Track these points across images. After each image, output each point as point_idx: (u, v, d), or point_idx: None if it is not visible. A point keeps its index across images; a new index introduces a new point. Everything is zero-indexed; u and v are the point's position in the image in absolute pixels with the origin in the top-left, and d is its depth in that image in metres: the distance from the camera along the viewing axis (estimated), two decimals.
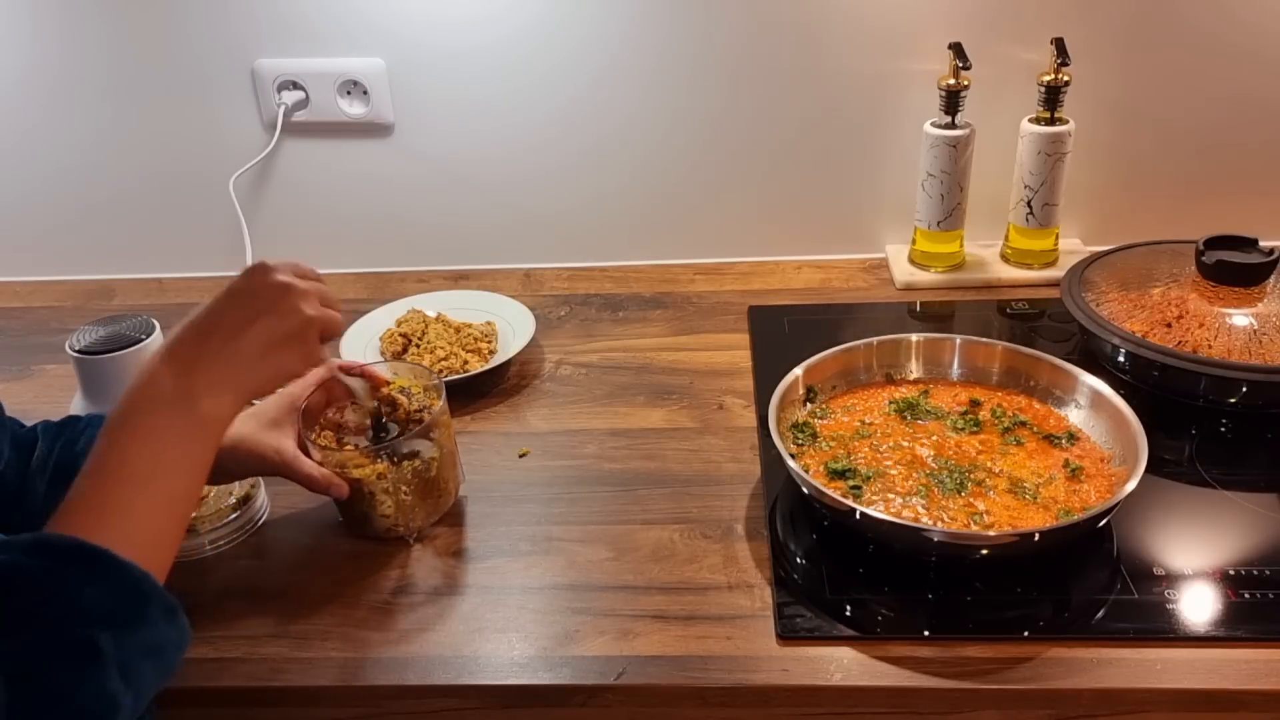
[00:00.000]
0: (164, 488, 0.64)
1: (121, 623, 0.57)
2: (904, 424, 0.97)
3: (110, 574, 0.58)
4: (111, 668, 0.56)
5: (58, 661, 0.55)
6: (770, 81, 1.28)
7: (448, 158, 1.35)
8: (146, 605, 0.59)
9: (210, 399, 0.67)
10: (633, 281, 1.36)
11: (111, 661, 0.56)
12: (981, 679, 0.76)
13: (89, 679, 0.55)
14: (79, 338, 0.95)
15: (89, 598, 0.57)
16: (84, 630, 0.56)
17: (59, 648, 0.55)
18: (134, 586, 0.59)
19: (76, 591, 0.57)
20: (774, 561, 0.87)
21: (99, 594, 0.57)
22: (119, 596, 0.58)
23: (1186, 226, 1.18)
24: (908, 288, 1.30)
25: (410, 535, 0.92)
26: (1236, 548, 0.86)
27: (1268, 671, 0.75)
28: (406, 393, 0.92)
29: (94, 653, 0.56)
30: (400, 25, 1.27)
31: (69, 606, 0.56)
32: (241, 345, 0.69)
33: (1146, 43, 1.24)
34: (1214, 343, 1.01)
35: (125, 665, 0.57)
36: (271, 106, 1.31)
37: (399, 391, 0.92)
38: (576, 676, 0.78)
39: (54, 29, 1.29)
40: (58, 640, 0.55)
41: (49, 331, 1.31)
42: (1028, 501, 0.86)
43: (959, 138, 1.23)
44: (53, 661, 0.55)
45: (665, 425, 1.06)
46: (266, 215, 1.38)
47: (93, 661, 0.55)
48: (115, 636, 0.57)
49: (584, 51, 1.27)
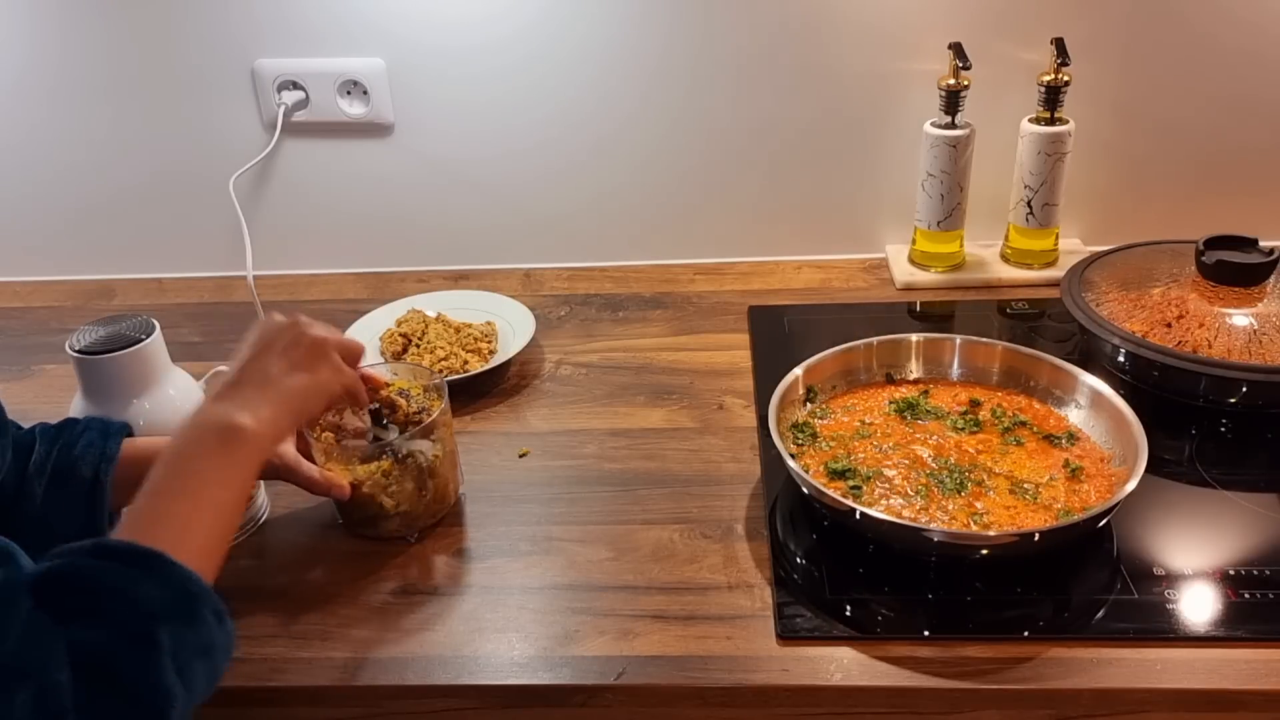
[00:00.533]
0: (211, 501, 0.69)
1: (177, 618, 0.61)
2: (904, 424, 0.97)
3: (164, 572, 0.62)
4: (168, 661, 0.60)
5: (121, 651, 0.59)
6: (770, 81, 1.28)
7: (448, 158, 1.35)
8: (198, 604, 0.63)
9: (250, 417, 0.72)
10: (633, 281, 1.36)
11: (168, 654, 0.60)
12: (981, 679, 0.76)
13: (149, 669, 0.59)
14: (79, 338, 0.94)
15: (146, 593, 0.61)
16: (143, 623, 0.60)
17: (121, 639, 0.59)
18: (185, 586, 0.63)
19: (134, 587, 0.61)
20: (774, 561, 0.87)
21: (155, 590, 0.61)
22: (173, 593, 0.62)
23: (1186, 226, 1.18)
24: (908, 288, 1.30)
25: (410, 535, 0.92)
26: (1236, 548, 0.86)
27: (1268, 671, 0.75)
28: (406, 395, 0.92)
29: (153, 644, 0.59)
30: (400, 25, 1.27)
31: (128, 601, 0.60)
32: (271, 374, 0.76)
33: (1146, 43, 1.24)
34: (1214, 343, 1.01)
35: (180, 660, 0.61)
36: (271, 106, 1.31)
37: (397, 394, 0.92)
38: (576, 676, 0.78)
39: (54, 29, 1.29)
40: (120, 632, 0.59)
41: (49, 331, 1.31)
42: (1028, 501, 0.87)
43: (959, 138, 1.23)
44: (116, 652, 0.58)
45: (665, 425, 1.06)
46: (266, 215, 1.38)
47: (152, 651, 0.59)
48: (171, 631, 0.60)
49: (584, 52, 1.27)
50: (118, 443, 0.83)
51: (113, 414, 0.95)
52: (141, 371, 0.95)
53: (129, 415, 0.95)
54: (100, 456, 0.81)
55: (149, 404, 0.95)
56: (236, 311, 1.32)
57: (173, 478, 0.69)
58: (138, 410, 0.95)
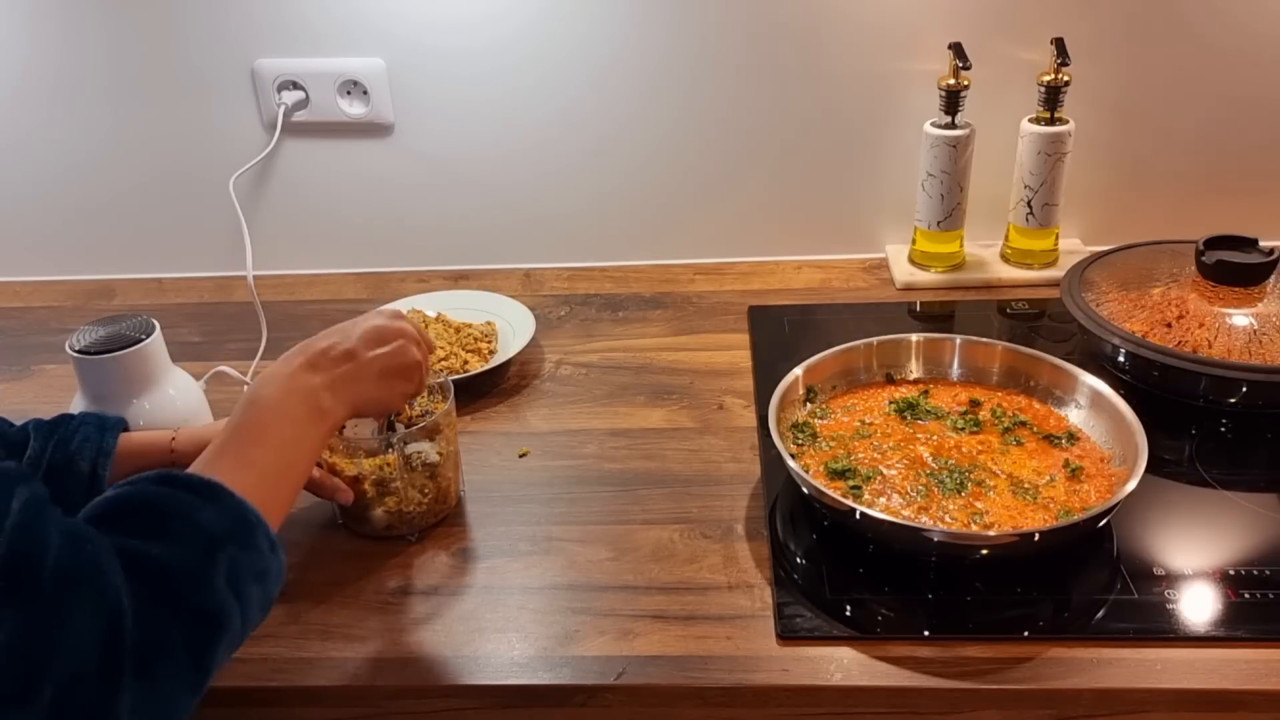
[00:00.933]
0: (281, 457, 0.73)
1: (234, 542, 0.64)
2: (904, 424, 0.97)
3: (225, 501, 0.66)
4: (223, 578, 0.63)
5: (179, 565, 0.61)
6: (771, 81, 1.28)
7: (448, 158, 1.35)
8: (255, 532, 0.66)
9: (331, 399, 0.77)
10: (633, 281, 1.36)
11: (223, 573, 0.63)
12: (981, 679, 0.76)
13: (206, 583, 0.62)
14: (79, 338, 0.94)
15: (207, 517, 0.64)
16: (202, 542, 0.63)
17: (180, 554, 0.62)
18: (244, 515, 0.66)
19: (196, 511, 0.64)
20: (774, 561, 0.87)
21: (215, 515, 0.65)
22: (232, 520, 0.65)
23: (1186, 226, 1.18)
24: (908, 288, 1.30)
25: (410, 535, 0.92)
26: (1236, 548, 0.86)
27: (1268, 671, 0.75)
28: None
29: (211, 561, 0.62)
30: (400, 25, 1.27)
31: (190, 523, 0.63)
32: (365, 369, 0.80)
33: (1147, 43, 1.24)
34: (1214, 343, 1.01)
35: (236, 582, 0.63)
36: (271, 106, 1.31)
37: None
38: (576, 676, 0.78)
39: (54, 29, 1.29)
40: (179, 548, 0.62)
41: (49, 331, 1.31)
42: (1028, 501, 0.87)
43: (959, 138, 1.23)
44: (175, 565, 0.61)
45: (665, 425, 1.06)
46: (266, 215, 1.38)
47: (210, 567, 0.62)
48: (229, 554, 0.63)
49: (584, 52, 1.27)
50: (114, 437, 0.83)
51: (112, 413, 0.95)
52: (141, 371, 0.95)
53: (129, 415, 0.95)
54: (97, 451, 0.82)
55: (149, 404, 0.96)
56: (236, 311, 1.32)
57: (257, 428, 0.73)
58: (138, 410, 0.95)
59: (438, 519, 0.93)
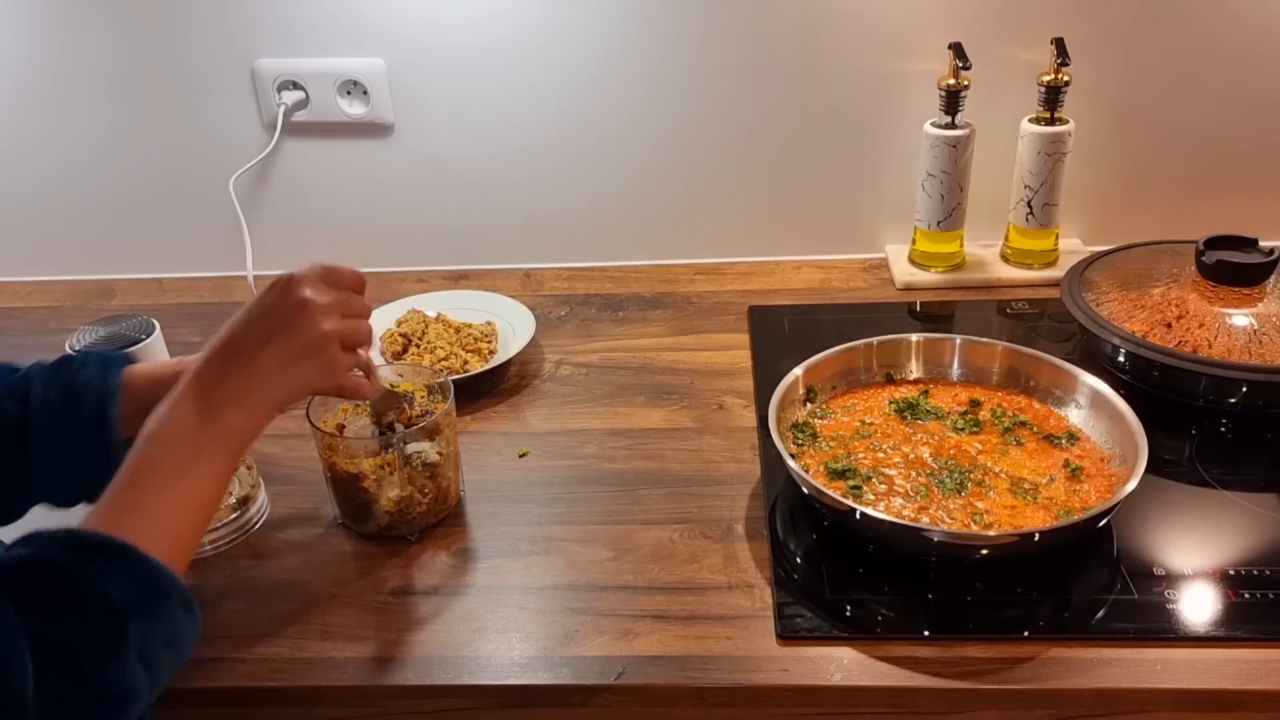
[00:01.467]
0: (186, 492, 0.69)
1: (146, 614, 0.62)
2: (904, 424, 0.97)
3: (135, 567, 0.62)
4: (134, 655, 0.60)
5: (87, 646, 0.58)
6: (770, 81, 1.28)
7: (448, 158, 1.35)
8: (168, 599, 0.64)
9: (232, 413, 0.71)
10: (633, 281, 1.36)
11: (135, 649, 0.60)
12: (981, 679, 0.76)
13: (115, 663, 0.59)
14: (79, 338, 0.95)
15: (117, 588, 0.61)
16: (112, 619, 0.60)
17: (89, 634, 0.59)
18: (157, 581, 0.63)
19: (106, 582, 0.61)
20: (774, 561, 0.87)
21: (126, 585, 0.61)
22: (144, 589, 0.62)
23: (1186, 226, 1.18)
24: (908, 288, 1.30)
25: (410, 535, 0.92)
26: (1236, 548, 0.86)
27: (1268, 671, 0.75)
28: (409, 399, 0.93)
29: (120, 639, 0.60)
30: (400, 25, 1.27)
31: (99, 596, 0.60)
32: (260, 364, 0.72)
33: (1147, 43, 1.24)
34: (1214, 343, 1.01)
35: (147, 654, 0.61)
36: (271, 106, 1.31)
37: (403, 395, 0.92)
38: (576, 676, 0.78)
39: (54, 29, 1.29)
40: (88, 627, 0.59)
41: (49, 331, 1.31)
42: (1028, 501, 0.87)
43: (959, 138, 1.23)
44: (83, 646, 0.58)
45: (665, 425, 1.06)
46: (266, 215, 1.38)
47: (119, 647, 0.59)
48: (140, 626, 0.61)
49: (584, 52, 1.27)
50: (118, 374, 0.81)
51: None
52: None
53: None
54: (103, 391, 0.79)
55: None
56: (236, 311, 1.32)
57: (151, 468, 0.68)
58: None
59: (438, 519, 0.93)
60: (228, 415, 0.71)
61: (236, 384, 0.72)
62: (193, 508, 0.69)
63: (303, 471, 1.00)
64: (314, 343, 0.74)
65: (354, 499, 0.90)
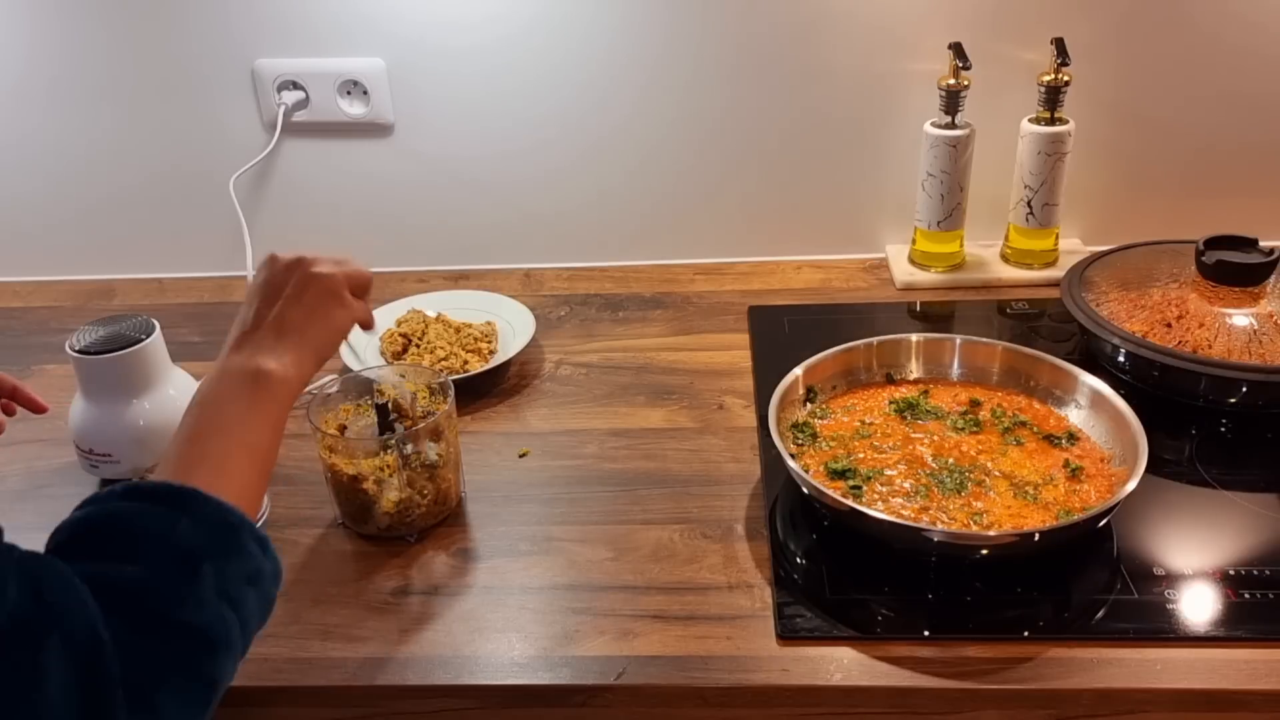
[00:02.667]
0: (242, 439, 0.69)
1: (219, 552, 0.61)
2: (904, 424, 0.97)
3: (201, 509, 0.62)
4: (212, 592, 0.59)
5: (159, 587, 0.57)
6: (770, 81, 1.28)
7: (448, 158, 1.35)
8: (239, 535, 0.63)
9: (273, 361, 0.73)
10: (633, 281, 1.36)
11: (212, 586, 0.59)
12: (981, 679, 0.76)
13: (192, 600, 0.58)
14: (79, 338, 0.94)
15: (184, 530, 0.60)
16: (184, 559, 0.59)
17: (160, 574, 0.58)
18: (224, 518, 0.62)
19: (171, 527, 0.60)
20: (774, 561, 0.87)
21: (192, 527, 0.60)
22: (212, 528, 0.61)
23: (1186, 226, 1.18)
24: (908, 288, 1.30)
25: (410, 535, 0.92)
26: (1236, 548, 0.86)
27: (1268, 671, 0.75)
28: (411, 399, 0.93)
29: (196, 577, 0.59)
30: (400, 25, 1.27)
31: (165, 540, 0.59)
32: (287, 320, 0.75)
33: (1146, 42, 1.24)
34: (1214, 343, 1.01)
35: (227, 591, 0.60)
36: (271, 106, 1.31)
37: (405, 396, 0.92)
38: (576, 676, 0.78)
39: (54, 29, 1.29)
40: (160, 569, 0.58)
41: (49, 331, 1.31)
42: (1028, 501, 0.86)
43: (959, 138, 1.23)
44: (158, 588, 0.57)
45: (665, 425, 1.06)
46: (266, 215, 1.38)
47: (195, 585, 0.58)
48: (214, 564, 0.60)
49: (584, 51, 1.27)
50: None
51: (113, 414, 0.95)
52: (141, 371, 0.95)
53: (129, 415, 0.95)
54: None
55: (149, 404, 0.96)
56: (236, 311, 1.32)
57: (205, 423, 0.69)
58: (138, 410, 0.95)
59: (438, 520, 0.93)
60: (270, 367, 0.72)
61: (270, 342, 0.74)
62: (252, 458, 0.69)
63: (303, 472, 1.00)
64: (325, 287, 0.78)
65: (354, 500, 0.90)
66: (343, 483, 0.90)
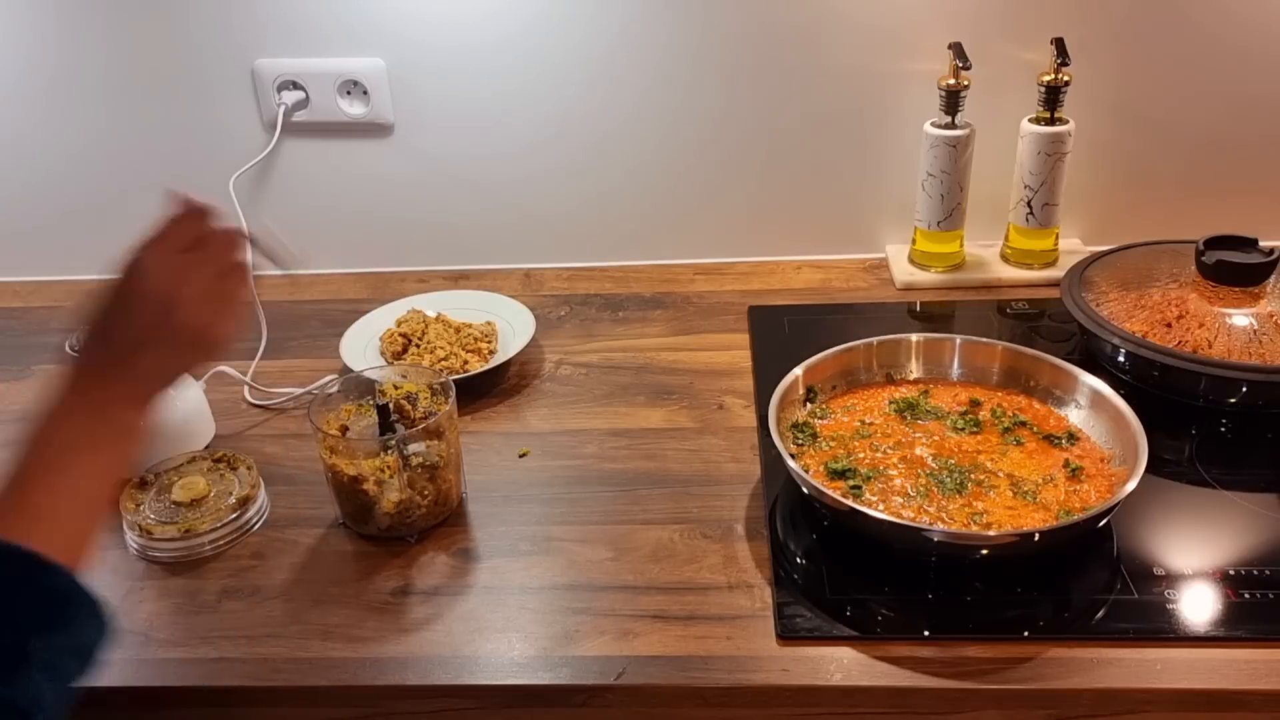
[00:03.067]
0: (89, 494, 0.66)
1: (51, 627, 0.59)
2: (904, 424, 0.97)
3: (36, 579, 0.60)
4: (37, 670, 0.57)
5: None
6: (770, 81, 1.28)
7: (448, 158, 1.35)
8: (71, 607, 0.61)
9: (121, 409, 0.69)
10: (633, 281, 1.36)
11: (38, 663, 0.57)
12: (981, 679, 0.76)
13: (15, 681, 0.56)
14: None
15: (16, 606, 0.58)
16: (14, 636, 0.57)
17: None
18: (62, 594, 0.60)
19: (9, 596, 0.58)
20: (774, 561, 0.87)
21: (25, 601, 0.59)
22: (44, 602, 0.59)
23: (1186, 226, 1.18)
24: (908, 288, 1.30)
25: (410, 535, 0.92)
26: (1236, 548, 0.86)
27: (1268, 671, 0.75)
28: (412, 399, 0.93)
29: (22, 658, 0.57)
30: (400, 25, 1.27)
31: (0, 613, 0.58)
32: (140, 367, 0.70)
33: (1146, 42, 1.24)
34: (1214, 343, 1.01)
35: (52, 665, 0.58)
36: (271, 106, 1.31)
37: (405, 399, 0.92)
38: (576, 676, 0.78)
39: (54, 29, 1.29)
40: None
41: (49, 331, 1.31)
42: (1028, 501, 0.86)
43: (959, 138, 1.23)
44: None
45: (665, 425, 1.06)
46: (266, 215, 1.38)
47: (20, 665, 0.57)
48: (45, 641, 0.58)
49: (584, 51, 1.27)
50: None
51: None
52: None
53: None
54: None
55: None
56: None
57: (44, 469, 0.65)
58: None
59: (439, 520, 0.93)
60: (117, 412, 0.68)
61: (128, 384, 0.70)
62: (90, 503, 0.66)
63: (303, 472, 1.00)
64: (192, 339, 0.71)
65: (355, 501, 0.90)
66: (343, 483, 0.90)
